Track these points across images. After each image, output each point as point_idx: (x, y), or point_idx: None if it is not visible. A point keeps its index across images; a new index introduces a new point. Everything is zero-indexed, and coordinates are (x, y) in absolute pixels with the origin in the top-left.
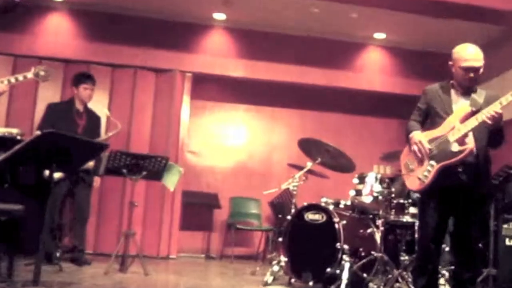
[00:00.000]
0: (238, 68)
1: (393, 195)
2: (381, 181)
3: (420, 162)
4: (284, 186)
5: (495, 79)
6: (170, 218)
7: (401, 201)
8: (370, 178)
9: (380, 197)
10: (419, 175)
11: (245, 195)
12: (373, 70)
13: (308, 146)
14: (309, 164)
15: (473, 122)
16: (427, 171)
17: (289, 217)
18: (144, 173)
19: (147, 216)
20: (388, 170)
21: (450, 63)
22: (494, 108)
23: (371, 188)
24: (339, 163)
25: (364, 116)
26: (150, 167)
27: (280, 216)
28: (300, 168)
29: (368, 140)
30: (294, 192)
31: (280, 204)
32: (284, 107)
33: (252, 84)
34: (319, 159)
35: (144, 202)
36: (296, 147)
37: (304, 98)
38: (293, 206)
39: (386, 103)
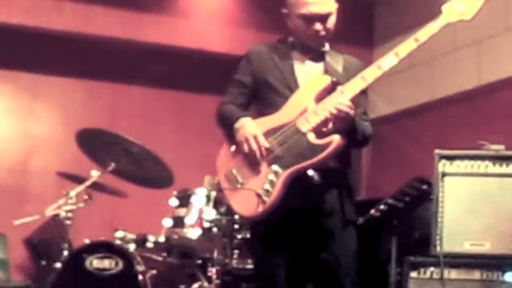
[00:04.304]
0: None
1: (236, 226)
2: (217, 203)
3: (255, 168)
4: (50, 212)
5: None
6: None
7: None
8: (198, 197)
9: (214, 230)
10: (258, 190)
11: None
12: (205, 17)
13: (94, 143)
14: (95, 174)
15: (336, 99)
16: (269, 183)
17: (59, 265)
18: None
19: None
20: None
21: (285, 11)
22: (348, 93)
23: (199, 215)
24: (146, 171)
25: (191, 93)
26: None
27: (44, 263)
28: (78, 179)
29: (196, 132)
30: (68, 222)
31: (43, 243)
32: (52, 74)
33: None
34: (113, 165)
35: None
36: (73, 144)
37: (88, 61)
38: (66, 246)
39: (227, 72)
